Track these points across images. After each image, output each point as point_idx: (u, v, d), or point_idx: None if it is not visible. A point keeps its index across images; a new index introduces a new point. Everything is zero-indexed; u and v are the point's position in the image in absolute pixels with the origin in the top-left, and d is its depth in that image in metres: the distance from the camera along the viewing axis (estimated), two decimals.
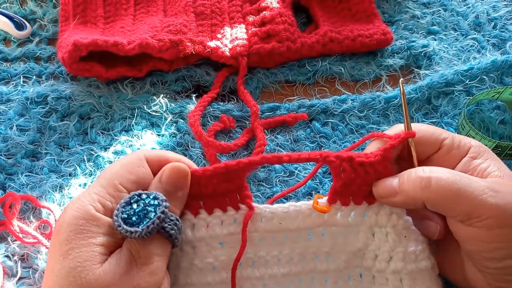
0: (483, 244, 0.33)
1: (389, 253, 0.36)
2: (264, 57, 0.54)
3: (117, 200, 0.33)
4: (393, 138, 0.38)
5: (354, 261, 0.37)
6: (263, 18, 0.55)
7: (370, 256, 0.37)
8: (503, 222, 0.32)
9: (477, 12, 0.60)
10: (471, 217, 0.33)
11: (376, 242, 0.37)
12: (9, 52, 0.56)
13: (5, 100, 0.51)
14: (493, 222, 0.32)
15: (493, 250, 0.33)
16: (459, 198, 0.33)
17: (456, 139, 0.38)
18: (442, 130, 0.39)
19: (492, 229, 0.33)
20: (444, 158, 0.37)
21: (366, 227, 0.37)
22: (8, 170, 0.47)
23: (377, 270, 0.37)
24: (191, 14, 0.55)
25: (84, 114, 0.51)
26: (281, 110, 0.51)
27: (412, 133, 0.38)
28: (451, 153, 0.37)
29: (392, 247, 0.36)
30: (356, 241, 0.37)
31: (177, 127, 0.50)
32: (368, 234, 0.37)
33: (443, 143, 0.38)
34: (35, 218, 0.44)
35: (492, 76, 0.53)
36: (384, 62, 0.55)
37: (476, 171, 0.36)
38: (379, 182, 0.36)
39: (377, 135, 0.39)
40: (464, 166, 0.36)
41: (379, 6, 0.61)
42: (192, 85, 0.54)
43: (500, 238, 0.33)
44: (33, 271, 0.41)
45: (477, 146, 0.37)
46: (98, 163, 0.47)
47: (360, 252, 0.37)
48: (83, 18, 0.55)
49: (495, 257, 0.33)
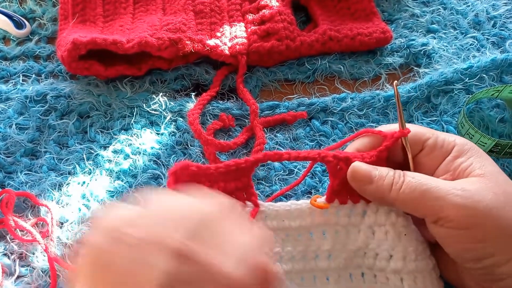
0: (456, 245, 0.33)
1: (388, 252, 0.36)
2: (264, 55, 0.54)
3: None
4: (388, 137, 0.38)
5: (355, 259, 0.37)
6: (263, 16, 0.55)
7: (371, 255, 0.37)
8: (471, 221, 0.32)
9: (476, 10, 0.60)
10: (440, 218, 0.33)
11: (376, 241, 0.37)
12: (8, 50, 0.56)
13: (4, 99, 0.51)
14: (461, 222, 0.32)
15: (467, 250, 0.33)
16: (425, 199, 0.33)
17: (440, 138, 0.37)
18: (428, 130, 0.38)
19: (461, 229, 0.32)
20: (426, 158, 0.37)
21: (366, 226, 0.37)
22: (8, 169, 0.47)
23: (378, 269, 0.37)
24: (190, 12, 0.55)
25: (83, 113, 0.51)
26: (281, 108, 0.51)
27: (405, 132, 0.37)
28: (434, 153, 0.37)
29: (392, 246, 0.36)
30: (357, 239, 0.37)
31: (176, 125, 0.50)
32: (368, 233, 0.37)
33: (426, 144, 0.37)
34: (33, 215, 0.44)
35: (491, 75, 0.53)
36: (383, 61, 0.55)
37: (457, 171, 0.35)
38: (358, 164, 0.36)
39: (370, 131, 0.39)
40: (446, 166, 0.36)
41: (378, 4, 0.60)
42: (192, 83, 0.54)
43: (471, 238, 0.32)
44: (31, 269, 0.41)
45: (461, 144, 0.37)
46: (97, 161, 0.47)
47: (360, 250, 0.37)
48: (82, 17, 0.55)
49: (472, 258, 0.33)
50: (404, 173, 0.35)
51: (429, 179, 0.34)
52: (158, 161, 0.47)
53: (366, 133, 0.40)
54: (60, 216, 0.44)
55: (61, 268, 0.41)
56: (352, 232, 0.37)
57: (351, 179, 0.36)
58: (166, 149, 0.48)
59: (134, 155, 0.47)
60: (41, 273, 0.41)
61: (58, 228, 0.43)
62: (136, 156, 0.47)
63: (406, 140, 0.38)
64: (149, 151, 0.48)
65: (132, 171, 0.47)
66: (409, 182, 0.34)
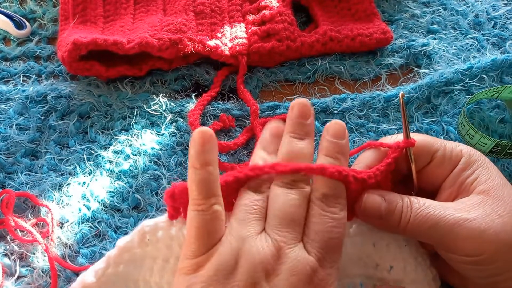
0: (467, 267, 0.34)
1: (389, 263, 0.36)
2: (264, 56, 0.54)
3: None
4: (393, 147, 0.36)
5: (355, 269, 0.37)
6: (263, 17, 0.55)
7: (371, 265, 0.37)
8: (480, 249, 0.32)
9: (476, 11, 0.60)
10: (449, 248, 0.34)
11: (377, 252, 0.37)
12: (9, 51, 0.56)
13: (4, 99, 0.51)
14: (470, 251, 0.33)
15: (478, 271, 0.33)
16: (432, 233, 0.33)
17: (448, 149, 0.37)
18: (435, 141, 0.37)
19: (471, 257, 0.33)
20: (435, 170, 0.37)
21: (366, 238, 0.37)
22: (8, 169, 0.47)
23: (378, 279, 0.37)
24: (191, 13, 0.55)
25: (83, 113, 0.51)
26: (281, 109, 0.51)
27: (411, 142, 0.36)
28: (443, 165, 0.37)
29: (393, 257, 0.36)
30: (357, 250, 0.37)
31: (176, 126, 0.50)
32: (368, 245, 0.37)
33: (435, 155, 0.37)
34: (33, 216, 0.44)
35: (492, 75, 0.53)
36: (384, 61, 0.55)
37: (463, 185, 0.35)
38: (370, 200, 0.35)
39: (374, 144, 0.38)
40: (453, 179, 0.36)
41: (378, 5, 0.61)
42: (192, 84, 0.54)
43: (482, 262, 0.33)
44: (32, 269, 0.41)
45: (468, 156, 0.36)
46: (97, 162, 0.47)
47: (361, 261, 0.37)
48: (82, 17, 0.55)
49: (482, 276, 0.34)
50: (411, 202, 0.35)
51: (435, 210, 0.34)
52: (159, 162, 0.47)
53: (369, 146, 0.39)
54: (60, 217, 0.44)
55: (62, 268, 0.41)
56: (353, 242, 0.37)
57: (363, 213, 0.35)
58: (166, 150, 0.48)
59: (134, 156, 0.48)
60: (41, 274, 0.41)
61: (58, 229, 0.43)
62: (136, 156, 0.47)
63: (411, 151, 0.37)
64: (150, 152, 0.48)
65: (133, 172, 0.47)
66: (416, 215, 0.34)
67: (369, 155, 0.38)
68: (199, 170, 0.32)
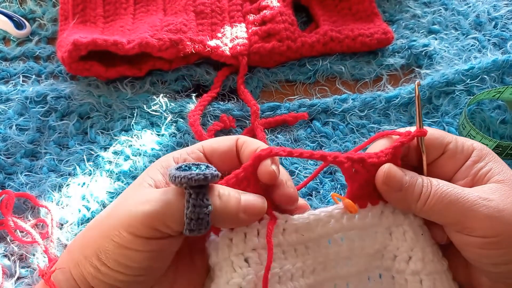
0: (481, 251, 0.33)
1: (407, 253, 0.36)
2: (265, 56, 0.53)
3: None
4: (403, 135, 0.36)
5: (373, 262, 0.37)
6: (264, 17, 0.55)
7: (389, 257, 0.36)
8: (495, 230, 0.32)
9: (477, 11, 0.60)
10: (465, 227, 0.33)
11: (394, 242, 0.36)
12: (9, 51, 0.56)
13: (4, 100, 0.51)
14: (487, 232, 0.32)
15: (492, 256, 0.33)
16: (451, 210, 0.33)
17: (460, 142, 0.37)
18: (446, 133, 0.38)
19: (488, 238, 0.32)
20: (447, 162, 0.37)
21: (383, 228, 0.36)
22: (8, 170, 0.47)
23: (397, 271, 0.36)
24: (191, 13, 0.55)
25: (83, 114, 0.50)
26: (282, 109, 0.51)
27: (423, 131, 0.36)
28: (455, 157, 0.37)
29: (410, 246, 0.36)
30: (374, 242, 0.36)
31: (177, 126, 0.50)
32: (385, 235, 0.36)
33: (447, 148, 0.37)
34: (33, 217, 0.44)
35: (493, 76, 0.53)
36: (384, 62, 0.55)
37: (477, 176, 0.35)
38: (393, 168, 0.35)
39: (386, 133, 0.38)
40: (466, 170, 0.36)
41: (379, 5, 0.60)
42: (192, 84, 0.54)
43: (497, 245, 0.32)
44: (32, 270, 0.41)
45: (479, 149, 0.37)
46: (97, 162, 0.47)
47: (378, 253, 0.37)
48: (82, 17, 0.55)
49: (495, 263, 0.33)
50: (430, 180, 0.35)
51: (454, 188, 0.34)
52: None
53: (382, 135, 0.39)
54: (60, 217, 0.44)
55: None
56: (370, 235, 0.36)
57: (384, 182, 0.35)
58: (166, 150, 0.48)
59: (134, 156, 0.47)
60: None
61: (58, 229, 0.43)
62: (136, 157, 0.47)
63: (423, 140, 0.37)
64: (150, 152, 0.48)
65: (133, 172, 0.46)
66: (436, 191, 0.34)
67: (381, 143, 0.38)
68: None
